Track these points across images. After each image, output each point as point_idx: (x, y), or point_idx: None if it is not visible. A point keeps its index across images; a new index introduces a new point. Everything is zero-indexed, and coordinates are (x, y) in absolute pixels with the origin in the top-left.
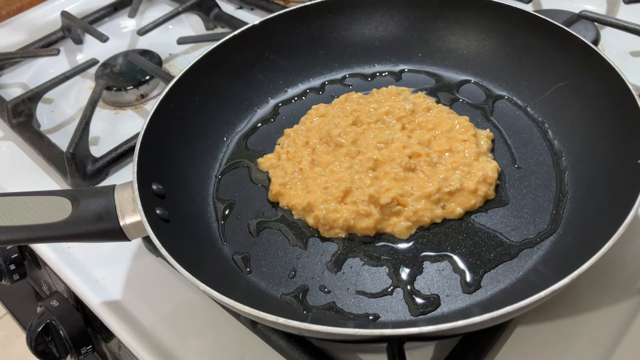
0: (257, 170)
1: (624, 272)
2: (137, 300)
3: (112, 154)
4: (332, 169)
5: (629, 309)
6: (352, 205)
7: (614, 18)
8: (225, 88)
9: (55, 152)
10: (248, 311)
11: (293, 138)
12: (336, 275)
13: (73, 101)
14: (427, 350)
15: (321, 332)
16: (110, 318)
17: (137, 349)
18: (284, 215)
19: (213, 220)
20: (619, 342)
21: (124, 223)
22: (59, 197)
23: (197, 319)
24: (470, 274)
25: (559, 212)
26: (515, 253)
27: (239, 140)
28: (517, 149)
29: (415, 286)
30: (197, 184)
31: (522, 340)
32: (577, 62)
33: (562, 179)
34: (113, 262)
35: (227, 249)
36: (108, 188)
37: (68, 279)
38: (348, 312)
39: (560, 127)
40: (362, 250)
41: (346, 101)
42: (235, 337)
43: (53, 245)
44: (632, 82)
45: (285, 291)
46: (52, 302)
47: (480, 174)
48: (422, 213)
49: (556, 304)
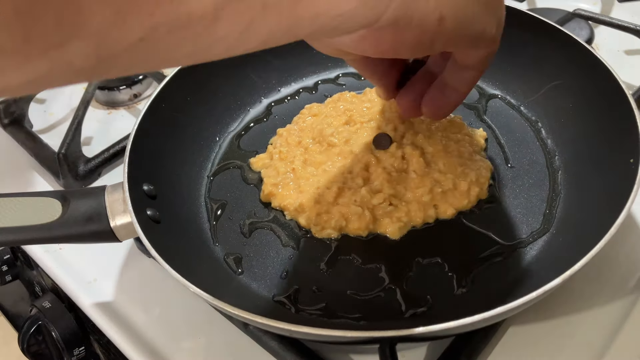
0: (249, 170)
1: (617, 271)
2: (129, 302)
3: (105, 154)
4: (324, 168)
5: (622, 307)
6: (345, 205)
7: (608, 17)
8: (217, 88)
9: (47, 152)
10: (238, 313)
11: (286, 138)
12: (328, 275)
13: (66, 101)
14: (420, 350)
15: (312, 334)
16: (102, 319)
17: (128, 350)
18: (276, 215)
19: (205, 221)
20: (613, 340)
21: (115, 224)
22: (49, 198)
23: (190, 320)
24: (462, 274)
25: (551, 211)
26: (508, 253)
27: (232, 140)
28: (510, 148)
29: (408, 286)
30: (189, 184)
31: (515, 341)
32: (570, 61)
33: (555, 178)
34: (105, 263)
35: (218, 249)
36: (99, 189)
37: (60, 280)
38: (340, 313)
39: (554, 126)
40: (354, 250)
41: (339, 100)
42: (227, 339)
43: (45, 246)
44: (626, 80)
45: (277, 292)
46: (44, 304)
47: (473, 174)
48: (415, 214)
49: (549, 303)
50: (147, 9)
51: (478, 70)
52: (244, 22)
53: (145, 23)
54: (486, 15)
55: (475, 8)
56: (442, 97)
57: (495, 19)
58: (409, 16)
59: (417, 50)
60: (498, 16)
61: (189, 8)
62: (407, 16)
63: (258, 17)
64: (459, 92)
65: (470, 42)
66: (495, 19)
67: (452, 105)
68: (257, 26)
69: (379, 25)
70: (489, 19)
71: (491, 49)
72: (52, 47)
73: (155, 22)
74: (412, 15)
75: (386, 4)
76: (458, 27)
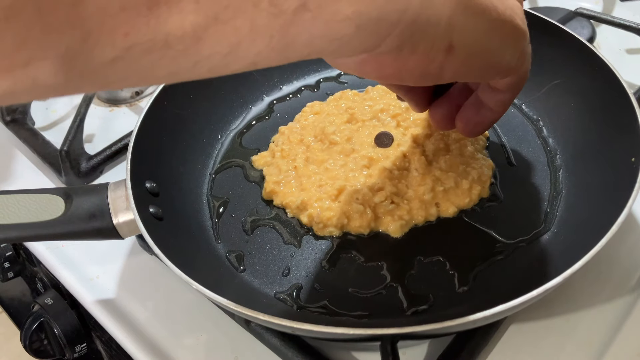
0: (251, 168)
1: (618, 269)
2: (131, 299)
3: (107, 152)
4: (326, 166)
5: (623, 306)
6: (346, 203)
7: (610, 15)
8: (219, 85)
9: (49, 149)
10: (240, 310)
11: (287, 136)
12: (330, 273)
13: (67, 98)
14: (421, 348)
15: (314, 331)
16: (104, 316)
17: (130, 347)
18: (278, 213)
19: (207, 219)
20: (613, 339)
21: (117, 221)
22: (51, 195)
23: (192, 317)
24: (464, 273)
25: (553, 210)
26: (509, 251)
27: (234, 138)
28: (511, 147)
29: (409, 284)
30: (191, 181)
31: (516, 338)
32: (572, 59)
33: (556, 177)
34: (107, 260)
35: (220, 247)
36: (101, 186)
37: (62, 277)
38: (341, 311)
39: (555, 125)
40: (356, 248)
41: (341, 99)
42: (229, 336)
43: (47, 243)
44: (628, 80)
45: (279, 289)
46: (47, 300)
47: (475, 173)
48: (416, 212)
49: (550, 302)
50: (121, 30)
51: (510, 92)
52: (229, 44)
53: (119, 44)
54: (504, 47)
55: (491, 38)
56: (476, 115)
57: (516, 51)
58: (414, 44)
59: (423, 79)
60: (520, 47)
61: (167, 29)
62: (411, 44)
63: (245, 40)
64: (494, 112)
65: (485, 73)
66: (516, 51)
67: (486, 124)
68: (244, 49)
69: (380, 51)
70: (507, 51)
71: (517, 78)
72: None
73: (130, 42)
74: (417, 43)
75: (388, 30)
76: (469, 58)
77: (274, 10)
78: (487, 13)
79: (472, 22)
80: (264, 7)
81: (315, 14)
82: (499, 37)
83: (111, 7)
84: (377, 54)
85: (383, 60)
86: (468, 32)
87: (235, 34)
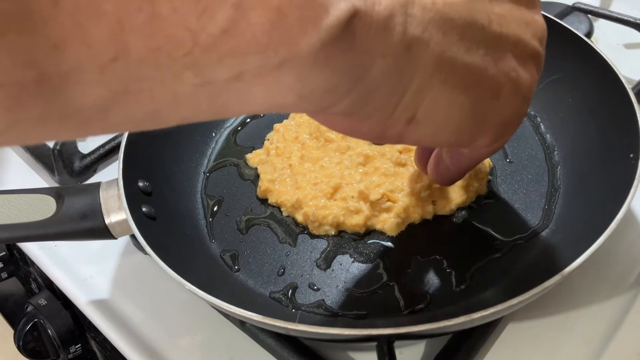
0: (246, 166)
1: (617, 267)
2: (126, 299)
3: (100, 150)
4: (321, 164)
5: (621, 304)
6: (342, 201)
7: (608, 10)
8: None
9: (42, 148)
10: (234, 310)
11: (282, 133)
12: (325, 272)
13: None
14: (418, 348)
15: (309, 332)
16: (97, 317)
17: (124, 347)
18: (273, 212)
19: (201, 218)
20: (612, 337)
21: (110, 221)
22: (43, 195)
23: (186, 317)
24: (461, 271)
25: (551, 207)
26: (507, 249)
27: (228, 135)
28: (508, 143)
29: (405, 283)
30: (184, 180)
31: (514, 337)
32: (569, 54)
33: (554, 174)
34: (101, 260)
35: (215, 246)
36: (93, 185)
37: (55, 277)
38: (337, 310)
39: (553, 120)
40: (352, 247)
41: None
42: (224, 336)
43: (40, 244)
44: (626, 75)
45: (274, 289)
46: (40, 301)
47: (472, 169)
48: (413, 209)
49: (548, 300)
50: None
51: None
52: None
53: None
54: (476, 130)
55: (463, 119)
56: (437, 169)
57: (492, 134)
58: (366, 113)
59: (381, 140)
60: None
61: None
62: (362, 113)
63: (166, 108)
64: (452, 172)
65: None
66: (491, 134)
67: (449, 180)
68: (165, 115)
69: (331, 113)
70: (480, 133)
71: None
72: None
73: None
74: (371, 113)
75: (337, 99)
76: (432, 133)
77: (198, 81)
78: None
79: (447, 97)
80: (186, 79)
81: (251, 84)
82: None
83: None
84: (327, 113)
85: (334, 118)
86: (439, 110)
87: (151, 103)
